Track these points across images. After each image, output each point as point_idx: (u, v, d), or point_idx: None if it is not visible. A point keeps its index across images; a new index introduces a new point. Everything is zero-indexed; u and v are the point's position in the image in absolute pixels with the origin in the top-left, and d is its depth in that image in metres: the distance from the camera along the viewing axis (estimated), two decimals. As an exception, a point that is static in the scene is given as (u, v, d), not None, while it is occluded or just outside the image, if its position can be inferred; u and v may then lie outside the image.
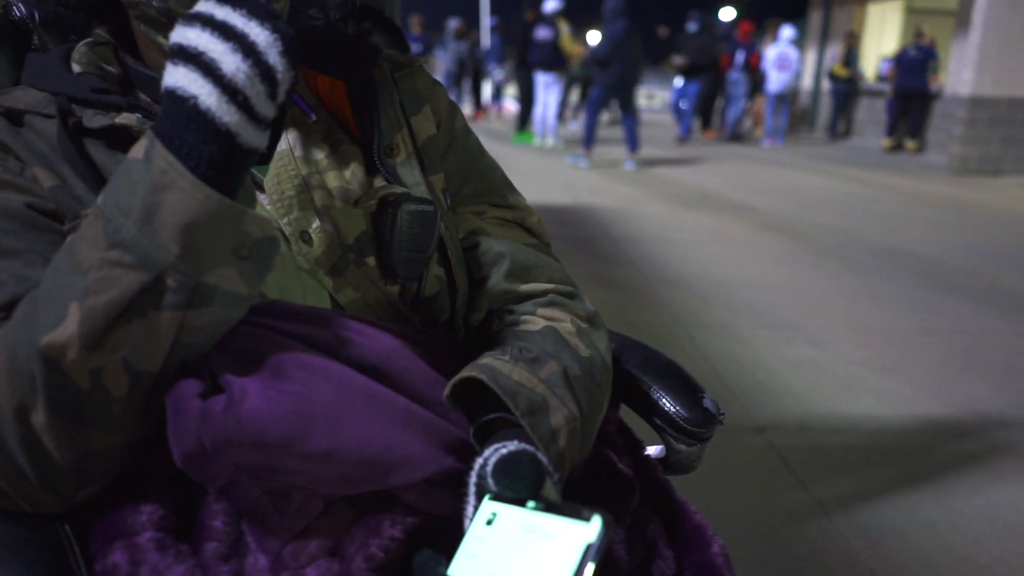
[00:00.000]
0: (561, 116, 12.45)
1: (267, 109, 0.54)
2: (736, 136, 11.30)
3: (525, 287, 0.77)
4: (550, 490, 0.58)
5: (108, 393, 0.54)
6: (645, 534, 0.71)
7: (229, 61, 0.52)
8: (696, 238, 4.76)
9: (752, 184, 7.08)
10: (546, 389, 0.65)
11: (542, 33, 8.83)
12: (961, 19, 9.30)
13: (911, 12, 12.78)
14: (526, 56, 9.10)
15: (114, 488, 0.60)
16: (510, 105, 14.27)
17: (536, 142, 9.59)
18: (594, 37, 11.53)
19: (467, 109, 13.46)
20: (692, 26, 10.08)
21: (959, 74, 8.88)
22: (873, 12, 12.73)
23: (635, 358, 0.85)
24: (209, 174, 0.53)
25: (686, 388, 0.81)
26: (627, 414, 0.86)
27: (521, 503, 0.54)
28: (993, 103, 8.38)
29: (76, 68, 0.69)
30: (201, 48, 0.52)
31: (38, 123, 0.66)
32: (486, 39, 12.15)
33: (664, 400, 0.80)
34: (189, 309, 0.54)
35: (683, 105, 10.66)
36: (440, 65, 12.05)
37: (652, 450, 0.82)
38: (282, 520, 0.59)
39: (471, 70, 12.49)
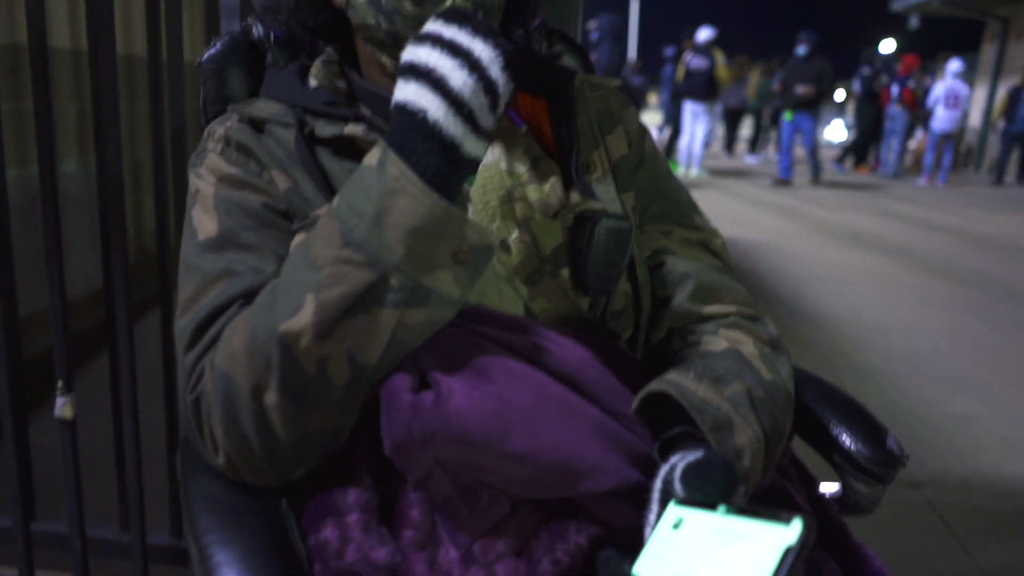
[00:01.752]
0: (730, 148, 12.25)
1: (488, 121, 0.58)
2: (895, 174, 10.68)
3: (709, 308, 0.77)
4: (740, 498, 0.58)
5: (331, 380, 0.59)
6: (823, 572, 0.69)
7: (456, 76, 0.56)
8: (847, 277, 4.53)
9: (908, 224, 6.67)
10: (731, 408, 0.65)
11: (696, 62, 8.73)
12: None
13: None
14: (680, 85, 9.03)
15: (324, 471, 0.65)
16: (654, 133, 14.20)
17: (681, 171, 9.46)
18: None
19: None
20: (801, 49, 8.82)
21: None
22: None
23: (812, 391, 0.83)
24: (435, 182, 0.57)
25: (868, 425, 0.79)
26: (799, 450, 0.84)
27: (711, 507, 0.53)
28: None
29: (313, 82, 0.76)
30: (431, 65, 0.57)
31: (277, 131, 0.73)
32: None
33: (845, 436, 0.77)
34: (407, 308, 0.58)
35: (801, 143, 9.26)
36: None
37: (827, 488, 0.79)
38: (471, 516, 0.62)
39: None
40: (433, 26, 0.59)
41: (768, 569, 0.46)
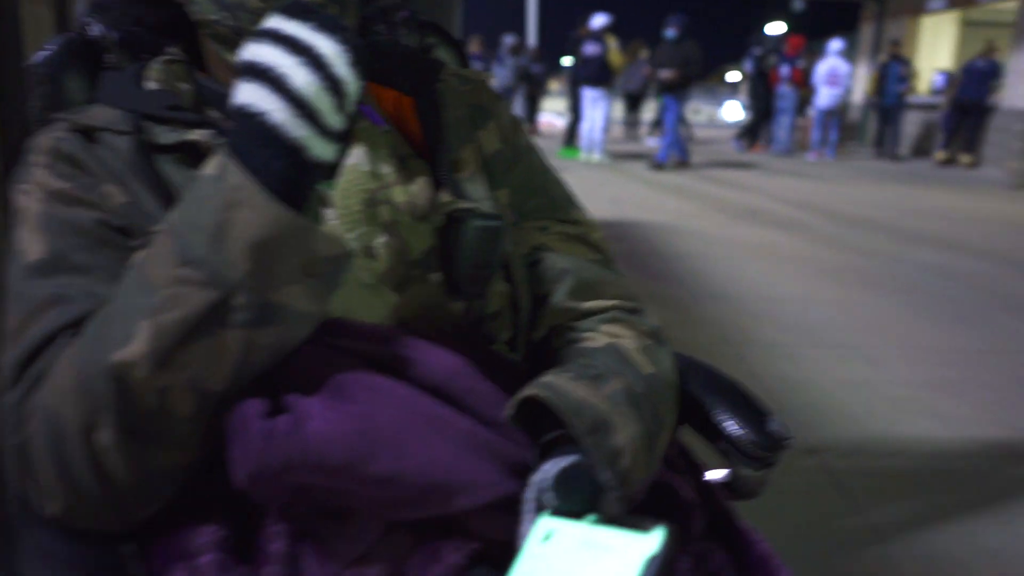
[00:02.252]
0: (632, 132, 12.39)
1: (336, 121, 0.55)
2: (787, 151, 11.12)
3: (588, 304, 0.76)
4: (611, 505, 0.57)
5: (174, 413, 0.54)
6: (709, 564, 0.69)
7: (298, 75, 0.53)
8: (744, 254, 4.69)
9: (801, 199, 6.96)
10: (610, 406, 0.64)
11: (590, 49, 8.83)
12: (1019, 31, 9.06)
13: (967, 24, 12.48)
14: (576, 72, 9.12)
15: (175, 508, 0.60)
16: (555, 120, 14.32)
17: (582, 157, 9.58)
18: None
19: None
20: (670, 32, 8.50)
21: (1017, 87, 8.64)
22: (927, 24, 12.46)
23: (697, 378, 0.83)
24: (280, 190, 0.53)
25: (751, 410, 0.79)
26: (687, 437, 0.84)
27: (579, 517, 0.53)
28: (1053, 117, 8.12)
29: (151, 85, 0.70)
30: (270, 63, 0.53)
31: (112, 140, 0.67)
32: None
33: (728, 422, 0.78)
34: (257, 328, 0.54)
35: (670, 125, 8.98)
36: (496, 81, 12.22)
37: (715, 475, 0.80)
38: (341, 544, 0.59)
39: (526, 85, 12.63)
40: (273, 21, 0.55)
41: None
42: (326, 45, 0.54)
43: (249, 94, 0.53)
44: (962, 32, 12.54)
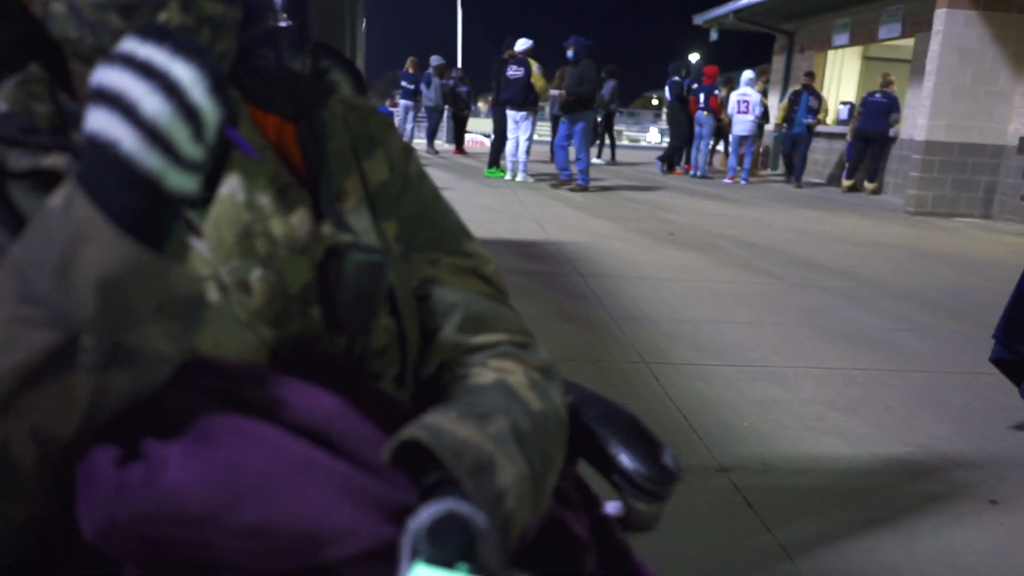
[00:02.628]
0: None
1: (193, 152, 0.51)
2: (704, 175, 11.47)
3: (478, 339, 0.74)
4: (486, 554, 0.55)
5: (14, 463, 0.50)
6: None
7: (150, 102, 0.49)
8: (662, 275, 4.78)
9: (717, 223, 7.17)
10: (494, 447, 0.62)
11: (512, 71, 8.94)
12: (915, 67, 9.64)
13: (868, 59, 13.22)
14: (499, 94, 9.21)
15: (29, 562, 0.55)
16: (483, 139, 14.42)
17: (507, 177, 9.64)
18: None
19: (446, 146, 13.60)
20: (569, 54, 8.58)
21: (914, 119, 9.18)
22: (832, 58, 13.12)
23: (592, 411, 0.83)
24: (133, 225, 0.49)
25: (644, 443, 0.79)
26: (584, 469, 0.83)
27: (452, 566, 0.51)
28: (946, 147, 8.66)
29: (2, 106, 0.65)
30: (121, 89, 0.49)
31: None
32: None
33: (622, 456, 0.77)
34: (107, 371, 0.50)
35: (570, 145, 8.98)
36: (425, 101, 12.29)
37: (611, 507, 0.79)
38: None
39: (452, 106, 12.69)
40: (127, 45, 0.51)
41: None
42: (182, 70, 0.50)
43: (99, 121, 0.49)
44: (864, 66, 13.27)
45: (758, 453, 2.38)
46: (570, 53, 8.60)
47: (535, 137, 9.80)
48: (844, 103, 12.05)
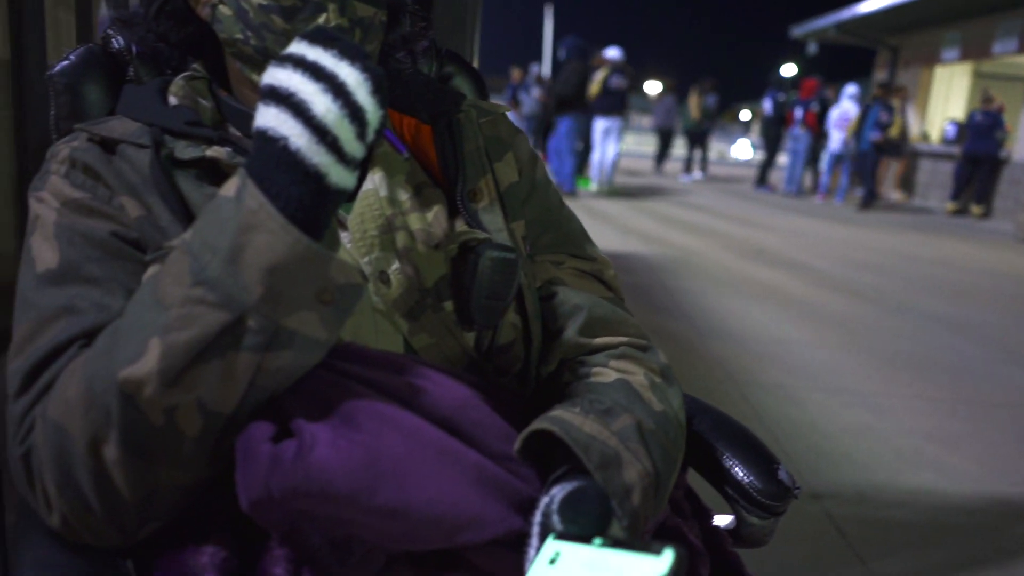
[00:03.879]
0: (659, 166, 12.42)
1: (356, 149, 0.54)
2: (797, 192, 11.11)
3: (599, 340, 0.75)
4: (617, 530, 0.56)
5: (180, 432, 0.54)
6: None
7: (319, 102, 0.52)
8: (752, 293, 4.67)
9: (809, 242, 6.96)
10: (619, 443, 0.63)
11: (616, 81, 8.88)
12: (1032, 85, 9.10)
13: (979, 76, 12.58)
14: (588, 103, 9.16)
15: (176, 526, 0.59)
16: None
17: (593, 187, 9.61)
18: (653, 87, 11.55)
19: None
20: (561, 54, 8.40)
21: (1029, 140, 8.66)
22: (940, 74, 12.56)
23: (705, 421, 0.82)
24: (298, 216, 0.52)
25: (760, 457, 0.78)
26: (694, 480, 0.82)
27: (587, 540, 0.52)
28: (1065, 172, 8.13)
29: (173, 100, 0.70)
30: (292, 89, 0.53)
31: (131, 153, 0.67)
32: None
33: (737, 469, 0.76)
34: (267, 352, 0.53)
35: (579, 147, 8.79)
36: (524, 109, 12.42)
37: (721, 520, 0.78)
38: (342, 571, 0.57)
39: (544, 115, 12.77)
40: (296, 47, 0.55)
41: None
42: (348, 72, 0.53)
43: (270, 118, 0.53)
44: (974, 83, 12.63)
45: (852, 482, 2.29)
46: (562, 54, 8.46)
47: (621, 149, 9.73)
48: (951, 122, 11.48)
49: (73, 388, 0.54)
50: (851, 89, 10.32)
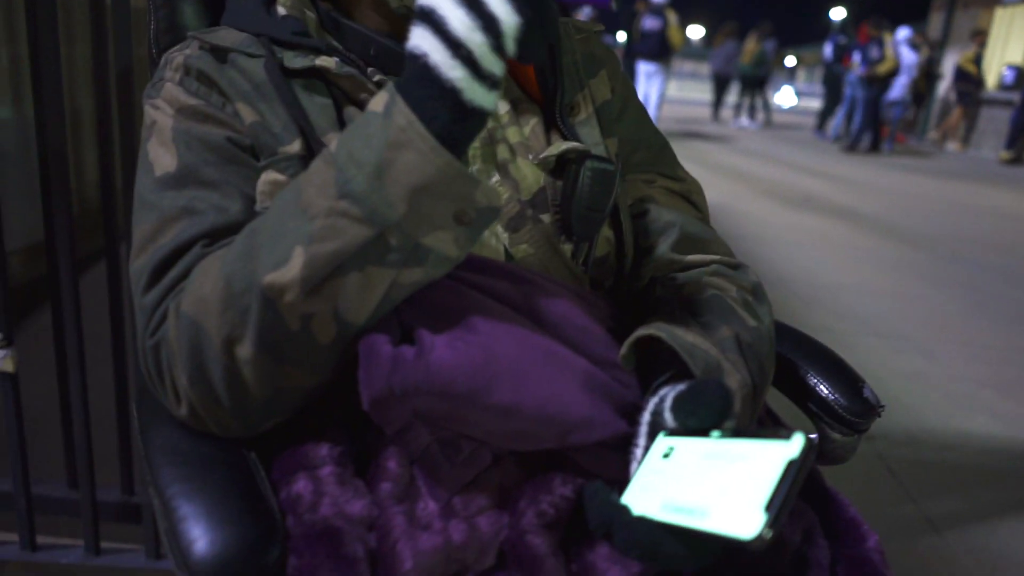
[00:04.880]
0: (716, 114, 12.12)
1: (492, 64, 0.51)
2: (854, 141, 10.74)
3: (692, 257, 0.76)
4: (733, 423, 0.55)
5: (314, 339, 0.55)
6: (802, 521, 0.68)
7: (454, 15, 0.51)
8: (799, 239, 4.61)
9: (858, 188, 6.81)
10: (719, 352, 0.63)
11: (649, 23, 8.68)
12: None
13: (1043, 18, 11.99)
14: (633, 46, 8.96)
15: (296, 423, 0.62)
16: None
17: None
18: (695, 31, 11.18)
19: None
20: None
21: (1094, 86, 8.28)
22: (1000, 16, 12.01)
23: (788, 341, 0.83)
24: (442, 135, 0.51)
25: (845, 375, 0.78)
26: (772, 400, 0.83)
27: (704, 434, 0.52)
28: None
29: (280, 11, 0.71)
30: (433, 5, 0.52)
31: (242, 61, 0.67)
32: None
33: (822, 386, 0.77)
34: (403, 268, 0.54)
35: None
36: None
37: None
38: (451, 469, 0.60)
39: None
40: None
41: (770, 483, 0.43)
42: None
43: (416, 37, 0.52)
44: (1038, 26, 12.06)
45: (904, 425, 2.28)
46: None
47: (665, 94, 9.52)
48: (1010, 67, 11.00)
49: (209, 286, 0.56)
50: (903, 32, 9.89)
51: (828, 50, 11.07)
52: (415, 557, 0.55)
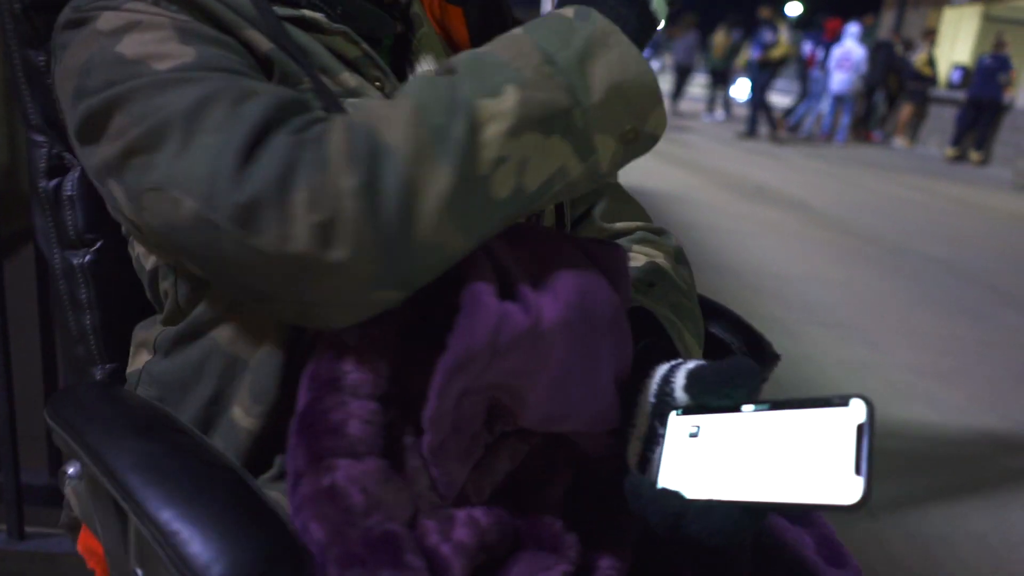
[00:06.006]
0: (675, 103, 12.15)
1: None
2: (808, 134, 10.86)
3: (619, 225, 0.78)
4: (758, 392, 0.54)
5: (492, 191, 0.50)
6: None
7: None
8: (749, 229, 4.67)
9: (809, 182, 6.93)
10: (673, 316, 0.65)
11: None
12: (1043, 30, 8.95)
13: (989, 19, 12.34)
14: None
15: (337, 337, 0.55)
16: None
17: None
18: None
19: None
20: None
21: (1035, 87, 8.56)
22: (949, 16, 12.32)
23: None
24: (633, 40, 0.53)
25: (744, 327, 0.85)
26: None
27: (728, 409, 0.51)
28: (1069, 120, 8.06)
29: None
30: None
31: None
32: None
33: (723, 336, 0.82)
34: (573, 155, 0.52)
35: None
36: None
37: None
38: (461, 453, 0.56)
39: None
40: None
41: (851, 449, 0.43)
42: None
43: None
44: (984, 28, 12.40)
45: (844, 411, 2.33)
46: None
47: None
48: (958, 67, 11.29)
49: (395, 110, 0.49)
50: (853, 28, 10.01)
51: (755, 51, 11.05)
52: (458, 556, 0.53)
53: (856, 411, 0.44)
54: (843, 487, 0.43)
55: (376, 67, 0.65)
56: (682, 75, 12.20)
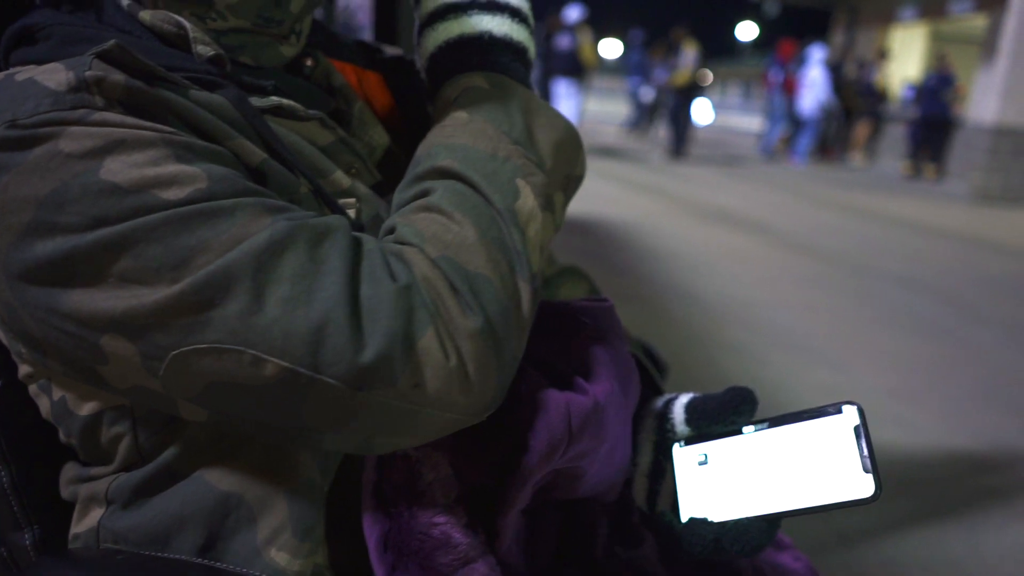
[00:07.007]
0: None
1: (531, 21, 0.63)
2: (770, 156, 10.95)
3: None
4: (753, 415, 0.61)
5: (518, 304, 0.52)
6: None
7: None
8: (713, 255, 4.69)
9: (771, 204, 7.01)
10: (636, 339, 0.73)
11: (562, 42, 8.79)
12: (987, 47, 9.23)
13: (936, 38, 12.72)
14: (548, 65, 9.07)
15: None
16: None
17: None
18: (610, 46, 11.32)
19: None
20: None
21: (983, 103, 8.78)
22: (897, 36, 12.67)
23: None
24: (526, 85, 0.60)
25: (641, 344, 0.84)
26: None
27: (728, 434, 0.55)
28: (1018, 133, 8.27)
29: (146, 17, 0.55)
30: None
31: (195, 93, 0.52)
32: None
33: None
34: (543, 217, 0.56)
35: None
36: None
37: None
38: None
39: None
40: None
41: (853, 449, 0.48)
42: None
43: (473, 24, 0.59)
44: (931, 46, 12.77)
45: (815, 438, 2.31)
46: None
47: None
48: (910, 86, 11.53)
49: (449, 231, 0.50)
50: (818, 53, 9.91)
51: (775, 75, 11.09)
52: None
53: (849, 416, 0.50)
54: (856, 484, 0.48)
55: (352, 152, 0.61)
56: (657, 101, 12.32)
